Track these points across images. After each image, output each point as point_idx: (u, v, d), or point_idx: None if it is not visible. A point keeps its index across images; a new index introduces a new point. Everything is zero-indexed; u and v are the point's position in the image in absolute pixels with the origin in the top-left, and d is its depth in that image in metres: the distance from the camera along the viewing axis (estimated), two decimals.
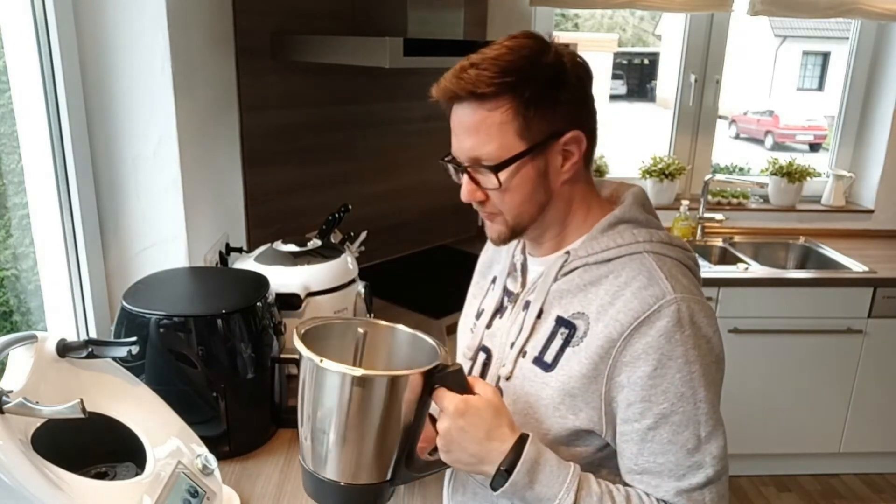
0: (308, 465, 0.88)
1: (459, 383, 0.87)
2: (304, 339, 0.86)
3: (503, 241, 0.99)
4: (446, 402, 0.85)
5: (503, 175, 0.90)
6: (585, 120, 0.93)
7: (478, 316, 1.10)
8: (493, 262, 1.14)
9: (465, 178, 0.94)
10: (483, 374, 1.04)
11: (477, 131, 0.89)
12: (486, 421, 0.85)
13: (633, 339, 0.86)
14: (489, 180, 0.91)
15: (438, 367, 0.86)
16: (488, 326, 1.06)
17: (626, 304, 0.87)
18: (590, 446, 0.93)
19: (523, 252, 1.06)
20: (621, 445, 0.91)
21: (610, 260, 0.93)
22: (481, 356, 1.06)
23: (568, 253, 0.96)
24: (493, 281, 1.10)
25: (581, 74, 0.92)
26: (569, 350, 0.91)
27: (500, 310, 1.05)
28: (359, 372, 0.82)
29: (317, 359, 0.82)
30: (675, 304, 0.86)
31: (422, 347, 0.93)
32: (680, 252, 0.96)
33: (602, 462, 0.94)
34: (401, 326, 0.96)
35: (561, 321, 0.94)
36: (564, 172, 0.93)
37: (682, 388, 0.85)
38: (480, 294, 1.13)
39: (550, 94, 0.89)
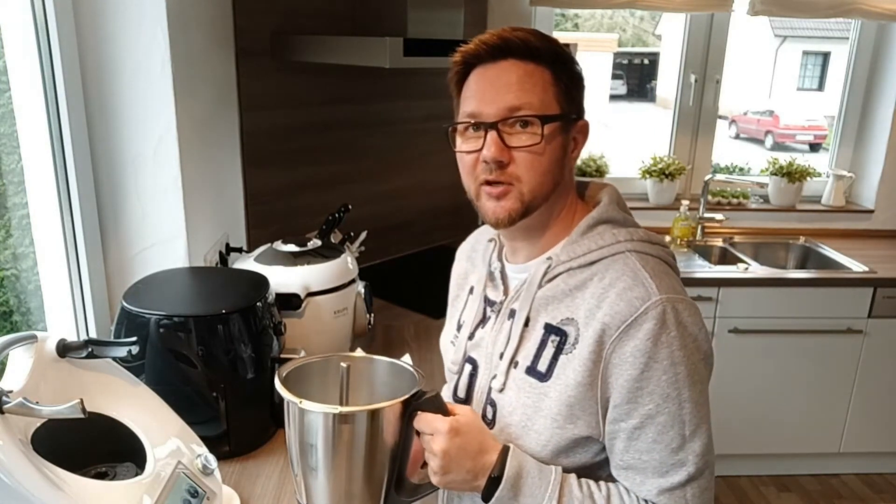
0: (302, 500, 0.91)
1: (438, 407, 0.89)
2: (286, 382, 0.89)
3: (512, 220, 0.93)
4: (438, 423, 0.87)
5: (547, 129, 0.89)
6: (585, 115, 0.97)
7: (458, 328, 1.09)
8: (468, 272, 1.13)
9: (491, 137, 0.90)
10: (471, 386, 1.03)
11: (522, 84, 0.89)
12: (476, 436, 0.88)
13: (622, 342, 0.86)
14: (524, 137, 0.89)
15: (417, 395, 0.88)
16: (471, 337, 1.05)
17: (611, 307, 0.87)
18: (589, 452, 0.93)
19: (500, 259, 1.04)
20: (608, 442, 0.91)
21: (593, 262, 0.92)
22: (467, 368, 1.04)
23: (550, 258, 0.95)
24: (471, 291, 1.09)
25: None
26: (562, 358, 0.91)
27: (482, 320, 1.04)
28: (339, 409, 0.84)
29: (297, 400, 0.85)
30: (661, 306, 0.86)
31: (401, 374, 0.95)
32: (660, 250, 0.96)
33: (602, 465, 0.94)
34: (378, 357, 0.98)
35: (550, 328, 0.93)
36: (571, 160, 0.96)
37: (668, 390, 0.86)
38: (460, 305, 1.12)
39: (576, 77, 0.94)
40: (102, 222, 1.55)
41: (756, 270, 2.72)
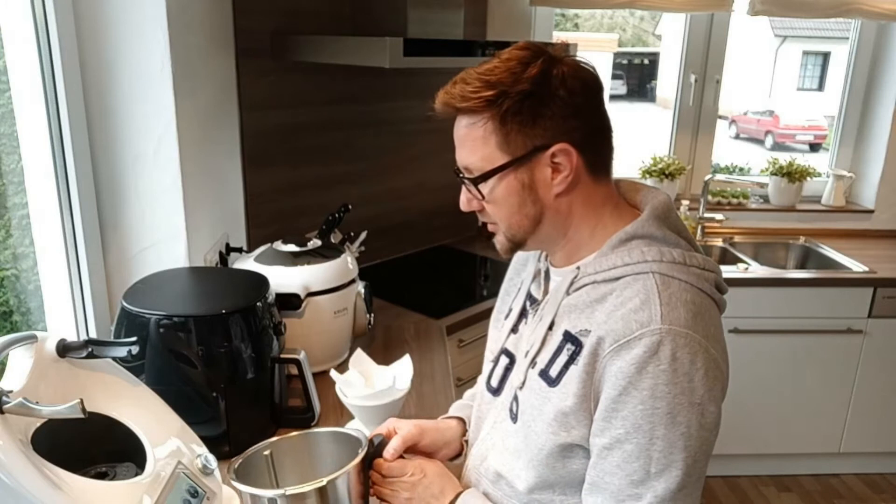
0: None
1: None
2: (239, 476, 0.95)
3: (507, 252, 1.01)
4: (408, 467, 0.99)
5: (484, 187, 0.93)
6: (579, 132, 0.91)
7: (507, 315, 1.10)
8: (527, 260, 1.13)
9: (463, 190, 0.97)
10: (504, 379, 1.04)
11: (464, 143, 0.94)
12: (437, 480, 1.00)
13: (612, 360, 0.85)
14: (477, 192, 0.95)
15: (369, 445, 0.99)
16: (514, 330, 1.06)
17: (612, 326, 0.86)
18: (587, 462, 0.92)
19: (546, 259, 1.05)
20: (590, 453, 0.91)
21: (617, 278, 0.90)
22: (503, 360, 1.05)
23: (578, 268, 0.95)
24: (523, 281, 1.10)
25: (574, 86, 0.89)
26: (573, 368, 0.90)
27: (524, 314, 1.05)
28: (322, 481, 0.91)
29: (279, 492, 0.90)
30: (658, 336, 0.83)
31: (344, 440, 1.03)
32: (695, 275, 0.91)
33: None
34: (313, 430, 1.07)
35: (568, 336, 0.92)
36: (556, 185, 0.92)
37: (640, 421, 0.83)
38: (513, 291, 1.13)
39: (530, 107, 0.89)
40: (102, 222, 1.55)
41: (756, 270, 2.72)
